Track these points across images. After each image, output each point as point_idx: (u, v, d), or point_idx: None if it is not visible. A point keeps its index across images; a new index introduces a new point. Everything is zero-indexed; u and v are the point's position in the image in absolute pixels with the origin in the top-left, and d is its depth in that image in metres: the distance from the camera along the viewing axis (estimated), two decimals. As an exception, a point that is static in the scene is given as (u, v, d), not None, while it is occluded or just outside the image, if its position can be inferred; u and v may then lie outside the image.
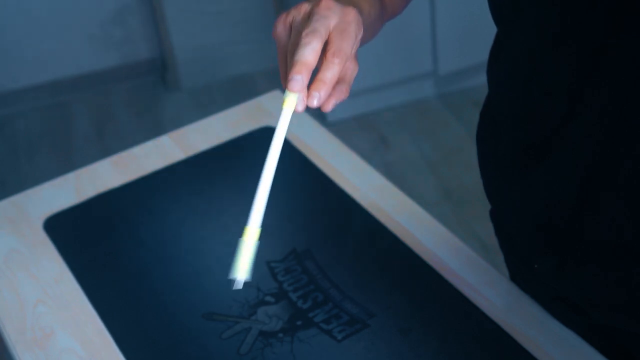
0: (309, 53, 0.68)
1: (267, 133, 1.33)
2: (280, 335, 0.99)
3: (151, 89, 3.07)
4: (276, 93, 1.41)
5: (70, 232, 1.18)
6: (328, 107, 0.73)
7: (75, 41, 2.98)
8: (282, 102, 0.71)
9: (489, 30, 0.91)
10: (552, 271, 0.87)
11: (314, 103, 0.70)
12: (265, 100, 1.40)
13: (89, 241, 1.16)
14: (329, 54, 0.69)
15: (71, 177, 1.27)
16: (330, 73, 0.69)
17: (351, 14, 0.71)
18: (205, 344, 0.99)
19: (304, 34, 0.69)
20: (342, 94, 0.73)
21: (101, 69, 3.06)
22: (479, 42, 1.26)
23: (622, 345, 0.92)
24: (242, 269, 0.75)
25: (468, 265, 1.06)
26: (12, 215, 1.22)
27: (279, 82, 0.76)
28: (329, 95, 0.72)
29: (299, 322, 1.01)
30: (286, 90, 0.70)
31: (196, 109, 2.91)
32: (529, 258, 0.92)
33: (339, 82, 0.73)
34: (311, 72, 0.69)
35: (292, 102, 0.71)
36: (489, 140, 0.92)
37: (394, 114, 2.75)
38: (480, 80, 2.42)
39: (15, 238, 1.18)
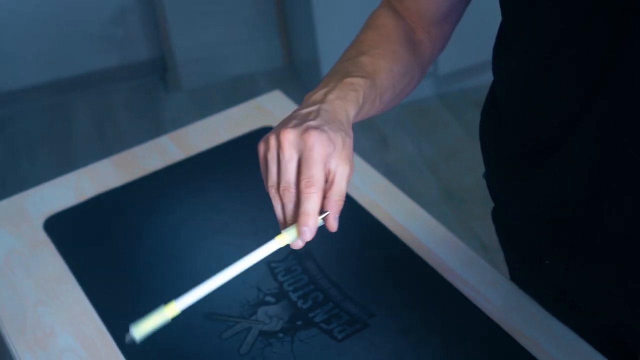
0: (311, 206, 0.72)
1: (267, 133, 1.32)
2: (281, 335, 0.99)
3: (151, 89, 3.07)
4: (276, 93, 1.41)
5: (70, 232, 1.18)
6: (333, 226, 0.74)
7: (75, 41, 2.98)
8: (277, 234, 0.74)
9: (489, 30, 0.91)
10: (560, 267, 0.88)
11: (307, 237, 0.73)
12: (265, 100, 1.40)
13: (89, 241, 1.16)
14: (302, 186, 0.71)
15: (71, 177, 1.27)
16: (310, 204, 0.72)
17: (311, 138, 0.72)
18: (205, 344, 0.99)
19: (302, 185, 0.71)
20: (337, 204, 0.73)
21: (101, 69, 3.06)
22: (479, 42, 1.26)
23: (623, 343, 0.92)
24: (141, 330, 0.76)
25: (468, 265, 1.06)
26: (12, 215, 1.22)
27: (279, 82, 0.77)
28: (330, 213, 0.73)
29: (299, 322, 1.01)
30: (286, 230, 0.74)
31: (196, 109, 2.91)
32: (535, 256, 0.92)
33: (329, 193, 0.73)
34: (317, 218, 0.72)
35: (285, 239, 0.74)
36: (494, 138, 0.92)
37: (393, 113, 2.75)
38: (480, 80, 2.42)
39: (16, 238, 1.18)
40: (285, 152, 0.73)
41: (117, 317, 1.05)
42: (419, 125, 2.74)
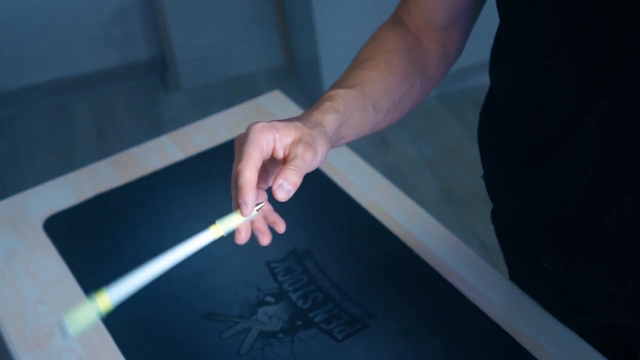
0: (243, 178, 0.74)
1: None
2: (281, 335, 0.99)
3: (151, 89, 3.07)
4: (276, 93, 1.41)
5: (70, 232, 1.18)
6: (277, 193, 0.73)
7: (75, 41, 2.98)
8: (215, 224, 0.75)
9: (489, 30, 0.91)
10: (560, 269, 0.88)
11: (245, 211, 0.75)
12: (265, 100, 1.40)
13: (89, 241, 1.16)
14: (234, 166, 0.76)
15: (71, 177, 1.27)
16: (241, 177, 0.74)
17: (246, 130, 0.74)
18: (205, 344, 0.99)
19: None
20: (288, 171, 0.72)
21: (101, 69, 3.06)
22: (479, 42, 1.26)
23: (623, 343, 0.92)
24: (76, 323, 0.71)
25: (468, 265, 1.06)
26: (12, 215, 1.22)
27: (279, 82, 0.77)
28: (280, 170, 0.72)
29: (299, 322, 1.01)
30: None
31: (196, 109, 2.91)
32: (534, 257, 0.92)
33: (286, 163, 0.73)
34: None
35: (219, 229, 0.76)
36: (493, 139, 0.92)
37: (394, 114, 2.75)
38: (480, 80, 2.42)
39: (15, 238, 1.18)
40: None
41: (117, 317, 1.05)
42: (419, 126, 2.74)
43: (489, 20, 0.92)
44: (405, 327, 0.99)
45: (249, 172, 0.72)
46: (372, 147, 2.65)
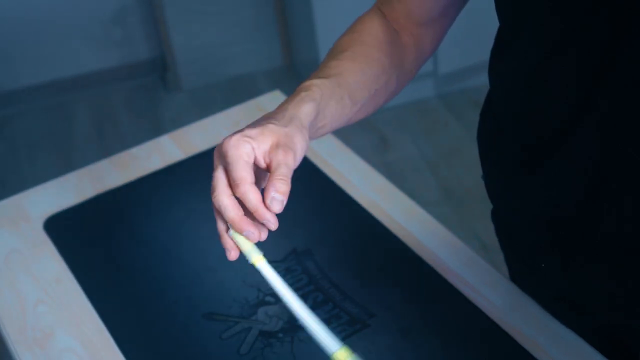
0: (253, 200, 0.73)
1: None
2: (281, 335, 0.99)
3: (151, 89, 3.07)
4: (276, 93, 1.42)
5: (70, 232, 1.18)
6: (271, 206, 0.72)
7: (75, 41, 2.98)
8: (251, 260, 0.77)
9: (489, 30, 0.91)
10: (557, 269, 0.88)
11: (272, 226, 0.74)
12: (265, 100, 1.40)
13: (89, 241, 1.16)
14: (234, 191, 0.74)
15: (71, 177, 1.27)
16: (250, 199, 0.73)
17: (223, 145, 0.74)
18: (205, 344, 0.99)
19: (233, 189, 0.75)
20: (278, 182, 0.72)
21: (101, 69, 3.06)
22: (479, 42, 1.26)
23: (623, 343, 0.92)
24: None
25: (468, 265, 1.06)
26: (12, 215, 1.22)
27: (279, 82, 0.77)
28: (269, 183, 0.72)
29: (299, 322, 1.01)
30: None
31: (196, 109, 2.91)
32: (533, 257, 0.92)
33: (271, 175, 0.73)
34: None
35: (258, 258, 0.78)
36: (492, 140, 0.92)
37: (393, 114, 2.75)
38: (480, 80, 2.42)
39: (16, 238, 1.18)
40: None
41: (117, 317, 1.05)
42: (419, 125, 2.74)
43: (489, 20, 0.92)
44: (405, 327, 0.99)
45: (252, 195, 0.72)
46: (372, 147, 2.65)
